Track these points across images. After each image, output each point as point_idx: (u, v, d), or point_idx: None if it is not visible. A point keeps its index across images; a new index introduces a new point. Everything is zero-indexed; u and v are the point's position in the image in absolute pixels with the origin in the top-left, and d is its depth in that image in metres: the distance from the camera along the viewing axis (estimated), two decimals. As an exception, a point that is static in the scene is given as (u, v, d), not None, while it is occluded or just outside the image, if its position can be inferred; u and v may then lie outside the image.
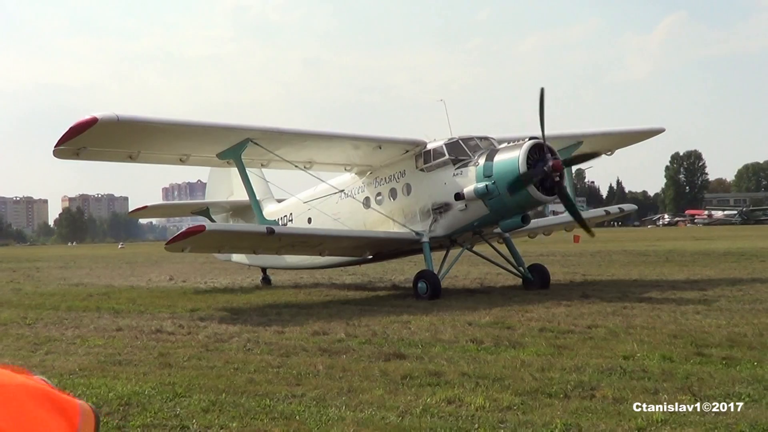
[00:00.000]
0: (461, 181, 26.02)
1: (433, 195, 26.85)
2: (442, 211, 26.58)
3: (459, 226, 26.72)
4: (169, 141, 26.83)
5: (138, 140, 26.06)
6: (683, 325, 18.71)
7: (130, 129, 24.75)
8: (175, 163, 29.17)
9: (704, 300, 23.82)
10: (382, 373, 14.36)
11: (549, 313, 21.96)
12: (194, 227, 24.50)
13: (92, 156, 26.77)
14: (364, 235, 27.94)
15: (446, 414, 11.38)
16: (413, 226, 27.22)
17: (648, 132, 32.64)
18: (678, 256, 44.39)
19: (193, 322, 22.34)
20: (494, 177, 24.87)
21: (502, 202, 25.09)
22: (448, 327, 19.93)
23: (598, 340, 17.12)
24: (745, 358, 14.55)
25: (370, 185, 29.38)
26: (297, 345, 17.92)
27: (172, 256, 74.37)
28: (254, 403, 12.42)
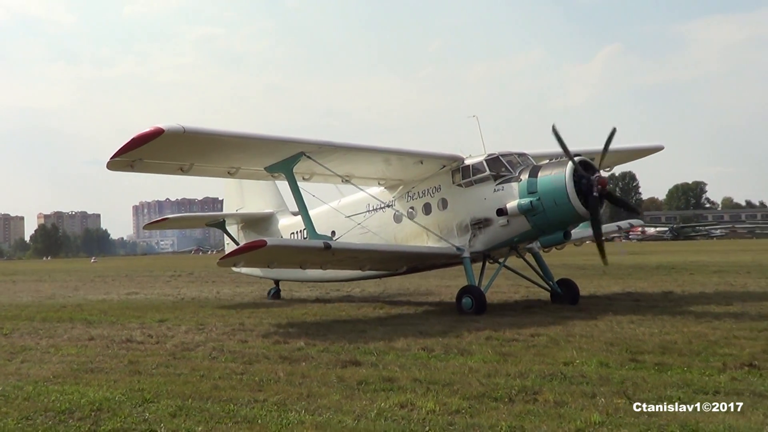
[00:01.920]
0: (503, 196, 24.68)
1: (471, 210, 25.50)
2: (482, 227, 25.26)
3: (499, 242, 25.41)
4: (226, 153, 25.06)
5: (196, 152, 24.34)
6: (619, 334, 18.82)
7: (193, 140, 22.84)
8: (223, 176, 28.00)
9: (638, 310, 23.96)
10: (339, 379, 14.35)
11: (494, 323, 22.01)
12: (254, 242, 22.83)
13: (145, 168, 24.64)
14: (411, 250, 26.27)
15: (399, 417, 11.39)
16: (450, 240, 25.84)
17: (648, 149, 31.29)
18: (614, 270, 44.56)
19: (161, 332, 22.21)
20: (539, 193, 23.71)
21: (545, 218, 23.88)
22: (400, 336, 19.93)
23: (540, 348, 17.19)
24: (676, 364, 14.68)
25: (402, 199, 27.87)
26: (259, 353, 17.85)
27: (141, 270, 74.07)
28: (219, 408, 12.39)
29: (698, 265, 45.03)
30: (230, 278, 51.82)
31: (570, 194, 22.96)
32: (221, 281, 48.78)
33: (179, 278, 54.50)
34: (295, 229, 32.21)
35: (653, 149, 29.43)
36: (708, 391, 12.43)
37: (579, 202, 23.00)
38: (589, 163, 23.53)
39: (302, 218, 25.50)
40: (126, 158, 22.93)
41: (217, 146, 24.02)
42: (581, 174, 23.18)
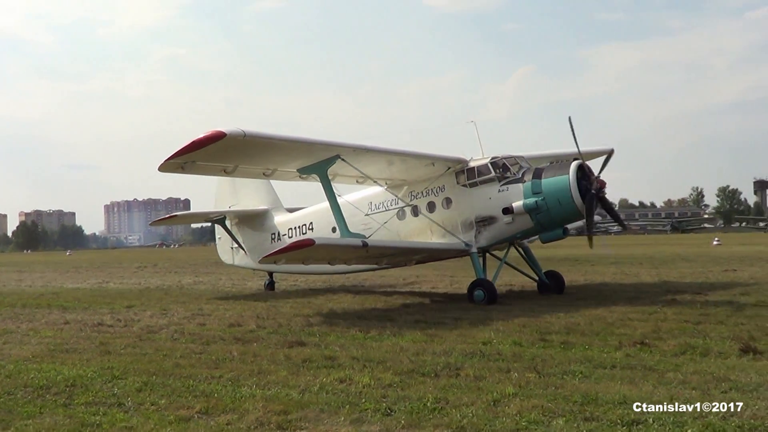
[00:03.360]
0: (508, 196, 23.89)
1: (476, 209, 24.50)
2: (487, 224, 24.34)
3: (502, 238, 24.56)
4: (269, 156, 23.46)
5: (244, 155, 22.84)
6: (530, 317, 18.96)
7: (247, 144, 21.39)
8: (259, 177, 26.52)
9: (547, 297, 24.17)
10: (286, 357, 14.31)
11: (423, 307, 22.11)
12: (303, 241, 21.40)
13: (195, 170, 22.96)
14: (431, 246, 25.08)
15: (339, 391, 11.38)
16: (454, 237, 24.83)
17: (599, 152, 30.44)
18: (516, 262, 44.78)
19: (128, 317, 21.98)
20: (544, 194, 23.09)
21: (549, 216, 23.28)
22: (341, 319, 19.95)
23: (463, 330, 17.25)
24: (579, 343, 14.83)
25: (406, 198, 26.34)
26: (216, 335, 17.75)
27: (111, 262, 73.18)
28: (180, 383, 12.30)
29: (598, 257, 45.39)
30: (190, 269, 51.46)
31: (574, 195, 22.62)
32: (183, 272, 48.34)
33: (145, 269, 53.87)
34: (292, 225, 30.44)
35: (604, 152, 28.84)
36: (606, 365, 12.57)
37: (582, 202, 22.67)
38: (588, 167, 23.31)
39: (335, 218, 24.05)
40: (180, 160, 21.56)
41: (264, 149, 22.53)
42: (583, 176, 22.95)
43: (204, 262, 61.61)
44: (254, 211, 31.59)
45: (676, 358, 13.13)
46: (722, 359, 12.93)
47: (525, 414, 9.67)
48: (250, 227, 32.12)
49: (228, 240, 32.88)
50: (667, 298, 22.54)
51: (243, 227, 32.38)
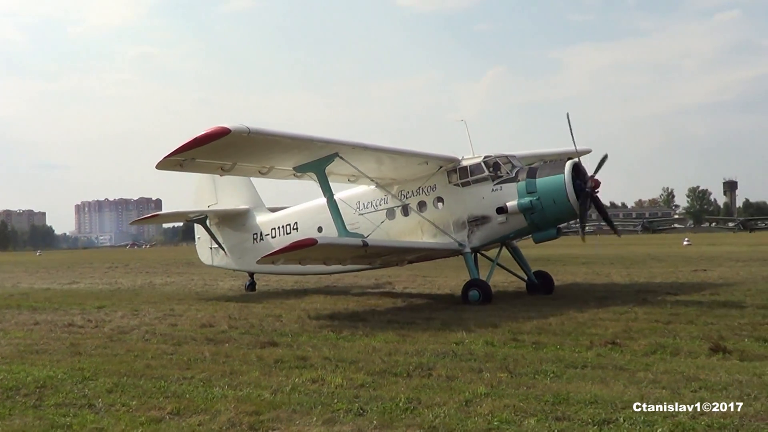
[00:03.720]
0: (501, 196, 23.59)
1: (469, 208, 24.15)
2: (480, 224, 24.00)
3: (495, 237, 24.27)
4: (267, 153, 22.85)
5: (244, 152, 22.33)
6: (502, 317, 19.01)
7: (249, 141, 20.77)
8: (255, 175, 25.71)
9: (518, 296, 24.27)
10: (258, 358, 14.28)
11: (396, 307, 22.14)
12: (305, 240, 20.86)
13: (193, 167, 22.66)
14: (427, 246, 24.55)
15: (311, 391, 11.37)
16: (445, 236, 24.38)
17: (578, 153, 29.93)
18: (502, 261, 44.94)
19: (99, 318, 21.85)
20: (538, 193, 22.87)
21: (543, 216, 23.06)
22: (313, 320, 19.95)
23: (435, 329, 17.28)
24: (550, 342, 14.90)
25: (395, 197, 25.82)
26: (187, 336, 17.68)
27: (81, 262, 72.66)
28: (151, 384, 12.24)
29: (570, 257, 45.66)
30: (162, 269, 51.27)
31: (569, 194, 22.51)
32: (154, 272, 48.15)
33: (116, 270, 53.59)
34: (275, 225, 29.66)
35: (582, 152, 28.45)
36: (577, 365, 12.63)
37: (577, 201, 22.58)
38: (582, 166, 23.21)
39: (333, 217, 23.58)
40: (180, 157, 21.04)
41: (264, 146, 21.92)
42: (577, 176, 22.85)
43: (176, 263, 61.39)
44: (235, 210, 30.98)
45: (647, 358, 13.22)
46: (692, 359, 13.03)
47: (497, 414, 9.70)
48: (231, 227, 31.40)
49: (207, 240, 32.12)
50: (638, 298, 22.67)
51: (223, 227, 31.61)
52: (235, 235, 31.13)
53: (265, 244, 29.22)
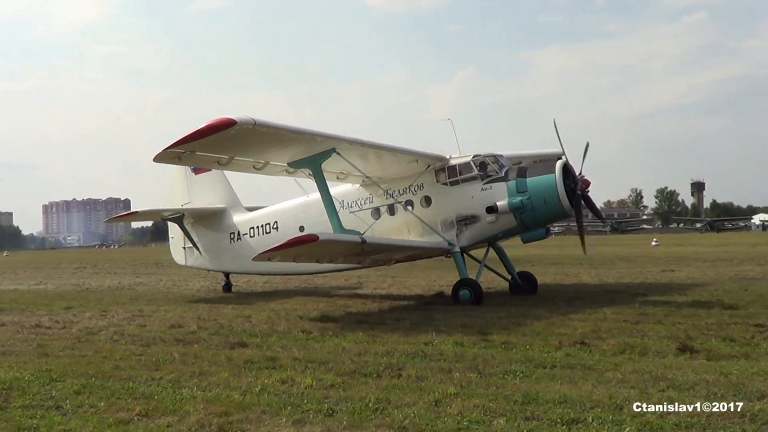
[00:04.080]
0: (491, 195, 23.35)
1: (457, 207, 23.86)
2: (468, 223, 23.73)
3: (484, 237, 24.06)
4: (265, 147, 22.04)
5: (243, 145, 21.52)
6: (472, 317, 19.05)
7: (254, 134, 20.13)
8: (249, 171, 24.33)
9: (487, 297, 24.29)
10: (228, 359, 14.24)
11: (365, 308, 22.14)
12: (306, 236, 20.36)
13: (191, 161, 22.20)
14: (419, 245, 24.02)
15: (280, 392, 11.35)
16: (433, 236, 23.97)
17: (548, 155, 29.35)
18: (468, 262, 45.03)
19: (67, 318, 21.68)
20: (529, 193, 22.72)
21: (533, 215, 22.90)
22: (282, 320, 19.90)
23: (405, 330, 17.31)
24: (520, 343, 14.96)
25: (381, 197, 25.44)
26: (156, 336, 17.59)
27: (49, 262, 72.10)
28: (119, 385, 12.16)
29: (539, 257, 45.83)
30: (131, 270, 51.00)
31: (560, 194, 22.43)
32: (123, 273, 47.88)
33: (84, 270, 53.25)
34: (254, 224, 28.92)
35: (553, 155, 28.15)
36: (546, 365, 12.69)
37: (567, 201, 22.50)
38: (572, 167, 23.09)
39: (328, 213, 23.04)
40: (181, 149, 20.42)
41: (265, 140, 21.12)
42: (568, 175, 22.78)
43: (145, 263, 61.08)
44: (212, 209, 30.35)
45: (615, 358, 13.31)
46: (660, 358, 13.13)
47: (466, 414, 9.72)
48: (207, 226, 30.65)
49: (181, 240, 31.39)
50: (607, 299, 22.82)
51: (198, 226, 30.83)
52: (210, 235, 30.48)
53: (243, 243, 28.82)
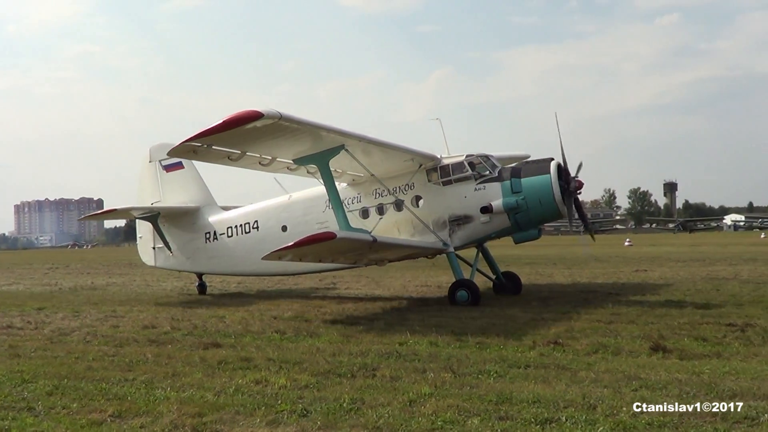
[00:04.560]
0: (485, 195, 23.12)
1: (450, 207, 23.50)
2: (461, 223, 23.40)
3: (477, 237, 23.77)
4: (279, 142, 21.11)
5: (257, 140, 20.62)
6: (446, 317, 19.09)
7: (274, 128, 19.40)
8: (255, 167, 23.41)
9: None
10: (202, 359, 14.19)
11: (340, 308, 22.11)
12: (324, 233, 19.83)
13: (205, 156, 21.16)
14: (417, 244, 23.47)
15: (254, 392, 11.32)
16: (425, 235, 23.55)
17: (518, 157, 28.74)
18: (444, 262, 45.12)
19: (39, 319, 21.51)
20: (524, 193, 22.60)
21: (527, 216, 22.78)
22: (256, 321, 19.85)
23: (379, 330, 17.31)
24: (494, 343, 14.99)
25: (369, 196, 24.90)
26: (129, 337, 17.50)
27: (21, 263, 71.55)
28: (92, 386, 12.09)
29: (513, 257, 45.93)
30: (104, 270, 50.70)
31: (555, 194, 22.37)
32: (96, 273, 47.59)
33: (57, 270, 52.88)
34: (233, 224, 27.89)
35: (522, 157, 28.00)
36: (520, 365, 12.74)
37: (562, 201, 22.47)
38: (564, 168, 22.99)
39: (335, 211, 22.38)
40: (200, 142, 19.65)
41: (282, 134, 20.26)
42: (560, 176, 22.71)
43: (118, 263, 60.74)
44: (185, 208, 29.28)
45: (589, 357, 13.38)
46: (633, 358, 13.22)
47: (441, 414, 9.74)
48: (179, 226, 29.39)
49: (150, 240, 30.12)
50: (580, 298, 22.93)
51: (170, 226, 29.49)
52: (183, 235, 29.28)
53: (219, 243, 28.06)
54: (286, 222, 26.00)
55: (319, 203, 25.32)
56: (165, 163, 29.67)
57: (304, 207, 25.57)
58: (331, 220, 24.21)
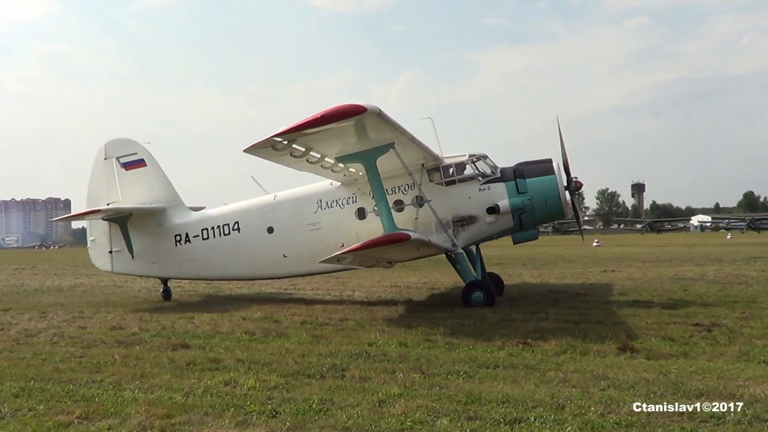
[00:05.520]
0: (490, 195, 22.79)
1: (454, 208, 23.01)
2: (465, 224, 22.95)
3: (479, 238, 23.40)
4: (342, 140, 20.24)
5: (332, 138, 19.73)
6: (415, 318, 19.12)
7: (368, 125, 18.86)
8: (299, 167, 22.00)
9: (432, 297, 24.41)
10: (170, 360, 14.12)
11: (309, 309, 22.06)
12: (398, 234, 19.46)
13: (281, 152, 19.63)
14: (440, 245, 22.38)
15: (223, 393, 11.28)
16: (428, 237, 22.04)
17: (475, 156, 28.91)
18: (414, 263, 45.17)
19: (5, 320, 21.30)
20: (530, 193, 22.50)
21: (532, 216, 22.72)
22: (225, 321, 19.77)
23: (348, 331, 17.32)
24: (463, 343, 15.04)
25: (365, 195, 23.69)
26: (97, 338, 17.37)
27: (-13, 264, 70.78)
28: (59, 388, 12.00)
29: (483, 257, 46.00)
30: (71, 271, 50.30)
31: (561, 195, 22.43)
32: (63, 274, 47.19)
33: (23, 271, 52.38)
34: (209, 225, 25.96)
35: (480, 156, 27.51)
36: (489, 365, 12.78)
37: (567, 202, 22.55)
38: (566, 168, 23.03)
39: (381, 211, 21.42)
40: (288, 137, 18.63)
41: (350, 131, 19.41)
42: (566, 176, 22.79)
43: (85, 264, 60.03)
44: (149, 209, 26.87)
45: (557, 357, 13.45)
46: (601, 358, 13.31)
47: (410, 414, 9.75)
48: (142, 228, 26.88)
49: (106, 243, 27.35)
50: (549, 299, 23.04)
51: (133, 228, 26.93)
52: (147, 238, 26.79)
53: (193, 246, 26.09)
54: (273, 223, 24.95)
55: (310, 204, 24.59)
56: (124, 161, 27.35)
57: (293, 207, 24.64)
58: (326, 221, 23.91)
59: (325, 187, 24.76)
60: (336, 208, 24.32)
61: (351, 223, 23.74)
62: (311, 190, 24.85)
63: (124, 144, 27.21)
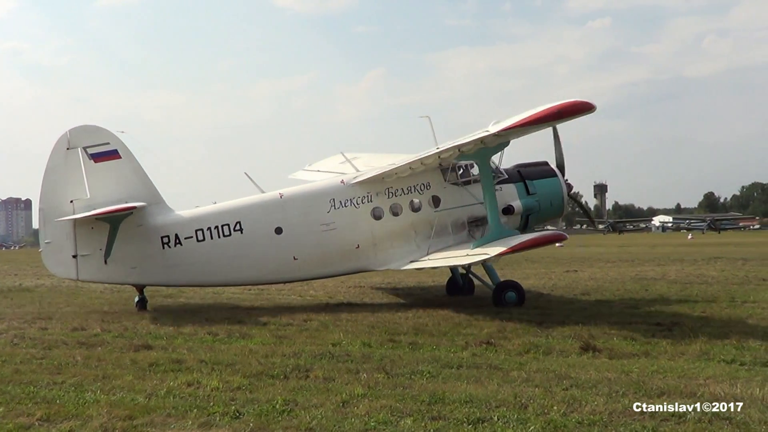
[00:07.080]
0: (503, 196, 22.42)
1: (469, 208, 22.64)
2: (480, 225, 22.41)
3: None
4: None
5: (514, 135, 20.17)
6: (379, 318, 19.14)
7: None
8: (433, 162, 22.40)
9: (396, 298, 24.43)
10: (132, 361, 14.02)
11: (273, 309, 22.00)
12: (556, 234, 20.26)
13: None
14: None
15: (186, 395, 11.23)
16: (444, 238, 22.40)
17: None
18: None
19: (-36, 322, 21.04)
20: (538, 195, 22.57)
21: (538, 217, 23.06)
22: (188, 322, 19.63)
23: (312, 331, 17.30)
24: (427, 343, 15.10)
25: (381, 195, 22.98)
26: (58, 339, 17.17)
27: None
28: (19, 390, 11.85)
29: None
30: (32, 271, 49.72)
31: (564, 196, 22.69)
32: (24, 274, 46.67)
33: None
34: (202, 226, 22.82)
35: None
36: (453, 365, 12.83)
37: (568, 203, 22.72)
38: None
39: (489, 209, 21.25)
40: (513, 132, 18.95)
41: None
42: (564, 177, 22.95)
43: (46, 264, 59.56)
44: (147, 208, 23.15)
45: (521, 357, 13.54)
46: (564, 357, 13.42)
47: (374, 414, 9.76)
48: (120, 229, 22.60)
49: (69, 246, 22.63)
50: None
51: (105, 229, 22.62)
52: (124, 240, 22.57)
53: (185, 249, 22.82)
54: (281, 223, 22.96)
55: (322, 203, 23.21)
56: (93, 151, 22.93)
57: (303, 206, 23.16)
58: (340, 221, 22.91)
59: (336, 185, 23.68)
60: (350, 207, 23.17)
61: (367, 223, 22.96)
62: (321, 188, 23.82)
63: (92, 132, 23.24)
